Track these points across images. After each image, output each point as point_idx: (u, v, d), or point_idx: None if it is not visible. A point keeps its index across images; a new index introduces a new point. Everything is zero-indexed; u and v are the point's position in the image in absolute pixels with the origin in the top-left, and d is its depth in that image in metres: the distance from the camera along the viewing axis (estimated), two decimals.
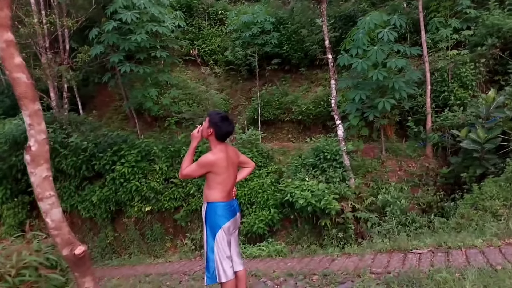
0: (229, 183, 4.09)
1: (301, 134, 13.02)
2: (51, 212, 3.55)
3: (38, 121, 3.58)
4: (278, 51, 14.09)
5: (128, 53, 11.06)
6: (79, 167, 10.65)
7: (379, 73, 8.69)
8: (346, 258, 6.68)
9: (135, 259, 9.77)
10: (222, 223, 4.00)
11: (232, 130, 4.17)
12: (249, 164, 4.51)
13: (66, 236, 3.61)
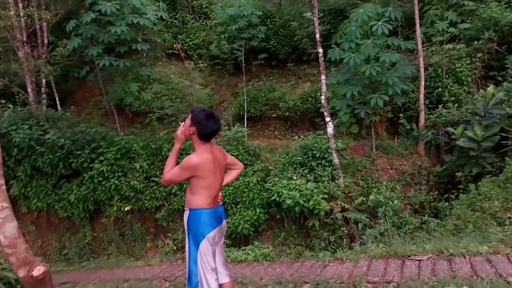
0: (215, 188, 3.58)
1: (288, 131, 12.34)
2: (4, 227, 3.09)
3: None
4: (265, 45, 13.37)
5: (107, 46, 10.25)
6: (56, 165, 9.95)
7: (372, 68, 8.04)
8: (339, 264, 6.14)
9: (113, 261, 9.09)
10: (207, 232, 3.50)
11: (218, 129, 3.58)
12: (237, 166, 3.98)
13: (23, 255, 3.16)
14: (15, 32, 10.87)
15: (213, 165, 3.50)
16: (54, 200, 10.20)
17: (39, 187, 10.33)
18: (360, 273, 5.52)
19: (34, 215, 10.88)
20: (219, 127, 3.63)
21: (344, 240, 7.93)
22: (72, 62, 11.60)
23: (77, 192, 9.88)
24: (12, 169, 10.46)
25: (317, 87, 11.88)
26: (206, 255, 3.50)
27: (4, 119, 10.37)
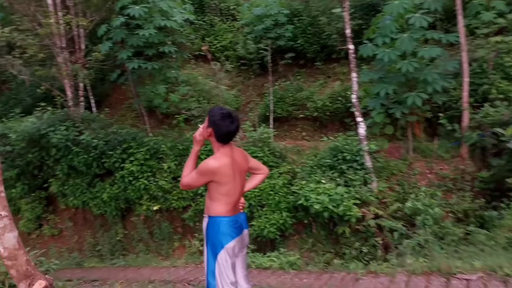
0: (235, 194, 2.90)
1: (316, 132, 10.68)
2: (3, 237, 2.58)
3: None
4: (293, 44, 11.71)
5: (137, 50, 9.25)
6: (90, 165, 9.12)
7: (409, 64, 6.37)
8: (373, 278, 4.97)
9: (142, 259, 8.25)
10: (226, 242, 2.84)
11: (234, 130, 2.85)
12: (262, 170, 3.22)
13: (24, 268, 2.63)
14: (55, 38, 10.08)
15: (233, 170, 2.85)
16: (88, 198, 9.38)
17: (75, 185, 9.50)
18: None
19: (72, 212, 10.06)
20: (237, 128, 2.87)
21: (379, 251, 6.30)
22: (105, 66, 10.63)
23: (110, 190, 9.05)
24: (51, 168, 9.67)
25: (347, 85, 10.19)
26: (225, 267, 2.85)
27: (43, 121, 9.60)
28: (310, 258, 7.02)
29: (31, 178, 10.06)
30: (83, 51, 10.61)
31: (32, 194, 10.11)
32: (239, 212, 3.00)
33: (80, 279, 7.31)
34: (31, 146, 9.49)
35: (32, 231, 10.13)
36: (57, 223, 10.14)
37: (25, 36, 9.82)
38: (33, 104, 11.32)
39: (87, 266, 8.60)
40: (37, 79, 10.66)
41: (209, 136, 2.89)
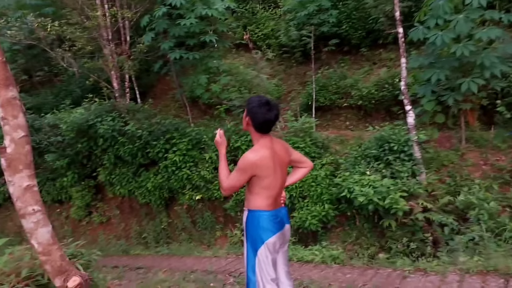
0: (276, 188, 2.77)
1: (361, 121, 10.28)
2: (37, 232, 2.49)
3: (13, 113, 2.42)
4: (337, 30, 11.31)
5: (178, 40, 9.33)
6: (135, 154, 9.36)
7: (464, 47, 5.89)
8: (422, 277, 4.73)
9: (185, 248, 8.42)
10: (266, 237, 2.73)
11: (273, 119, 2.70)
12: (305, 164, 3.07)
13: (58, 263, 2.55)
14: (101, 31, 10.42)
15: (273, 163, 2.72)
16: (134, 187, 9.66)
17: (121, 174, 9.82)
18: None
19: (119, 200, 10.45)
20: (275, 117, 2.72)
21: (428, 247, 6.00)
22: (149, 58, 10.84)
23: (154, 180, 9.24)
24: (99, 157, 10.08)
25: (394, 72, 9.75)
26: (265, 263, 2.76)
27: (91, 112, 9.96)
28: (354, 251, 6.83)
29: (81, 167, 10.54)
30: (128, 42, 10.86)
31: (82, 182, 10.57)
32: (280, 206, 2.89)
33: (126, 266, 7.48)
34: (80, 136, 9.89)
35: (82, 218, 10.66)
36: (105, 211, 10.57)
37: (74, 29, 10.21)
38: (82, 95, 11.76)
39: (132, 254, 8.91)
40: (86, 71, 11.10)
41: (247, 125, 2.79)
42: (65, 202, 11.08)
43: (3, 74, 2.39)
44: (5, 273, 2.76)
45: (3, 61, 2.43)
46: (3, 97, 2.40)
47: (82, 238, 10.53)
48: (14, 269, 2.79)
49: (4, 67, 2.42)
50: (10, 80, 2.44)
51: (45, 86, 14.43)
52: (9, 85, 2.42)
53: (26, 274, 2.73)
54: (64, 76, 14.11)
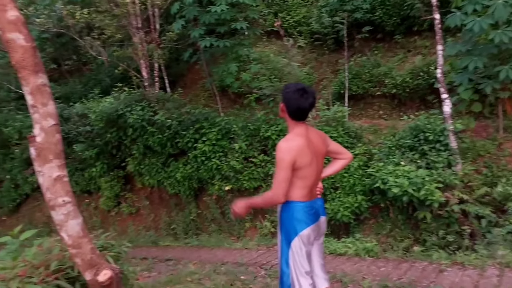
0: (312, 178, 2.80)
1: (394, 110, 10.48)
2: (67, 225, 2.47)
3: (43, 100, 2.39)
4: (370, 17, 11.47)
5: (209, 27, 9.66)
6: (165, 144, 9.78)
7: (503, 34, 6.09)
8: (459, 270, 4.88)
9: (214, 240, 8.77)
10: (300, 229, 2.77)
11: (307, 107, 2.73)
12: (344, 155, 3.12)
13: (88, 256, 2.56)
14: (131, 19, 10.78)
15: (309, 151, 2.73)
16: (163, 178, 10.10)
17: (150, 164, 10.28)
18: (489, 286, 4.36)
19: (148, 191, 10.98)
20: (310, 105, 2.75)
21: (465, 239, 6.28)
22: (179, 46, 11.27)
23: (183, 170, 9.64)
24: (128, 148, 10.60)
25: (429, 60, 9.87)
26: (299, 255, 2.79)
27: (120, 101, 10.43)
28: (387, 244, 7.06)
29: (110, 157, 11.06)
30: (157, 31, 11.19)
31: (111, 173, 11.12)
32: (315, 197, 2.93)
33: (155, 258, 7.80)
34: (109, 126, 10.34)
35: (111, 208, 11.23)
36: (135, 201, 11.10)
37: (103, 17, 10.60)
38: (111, 84, 12.32)
39: (162, 245, 9.29)
40: (115, 59, 11.54)
41: (282, 112, 2.85)
42: (94, 192, 11.66)
43: (32, 60, 2.36)
44: (34, 265, 2.73)
45: (33, 46, 2.39)
46: (32, 84, 2.36)
47: (111, 229, 11.03)
48: (43, 262, 2.76)
49: (33, 52, 2.38)
50: (39, 66, 2.40)
51: (73, 75, 15.16)
52: (39, 72, 2.39)
53: (56, 267, 2.71)
54: (93, 65, 14.73)
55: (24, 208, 13.62)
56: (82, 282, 2.79)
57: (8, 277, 2.61)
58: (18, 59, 2.34)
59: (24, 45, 2.34)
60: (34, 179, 12.46)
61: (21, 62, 2.35)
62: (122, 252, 3.29)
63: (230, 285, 5.29)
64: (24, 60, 2.34)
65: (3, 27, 2.31)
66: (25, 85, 2.39)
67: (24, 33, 2.35)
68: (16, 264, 2.79)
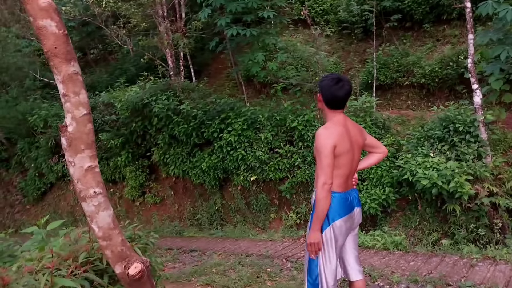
0: (349, 167, 2.86)
1: (423, 100, 10.58)
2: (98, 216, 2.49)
3: (75, 89, 2.35)
4: (399, 5, 11.55)
5: (235, 16, 9.79)
6: (190, 134, 10.01)
7: None
8: (491, 265, 4.95)
9: (239, 231, 9.00)
10: (333, 219, 2.85)
11: (343, 95, 2.84)
12: (380, 149, 3.21)
13: (118, 248, 2.56)
14: (156, 7, 11.07)
15: (347, 140, 2.83)
16: (188, 167, 10.36)
17: (176, 154, 10.56)
18: None
19: (172, 181, 11.28)
20: (346, 94, 2.86)
21: (497, 233, 6.42)
22: (204, 35, 11.49)
23: (208, 160, 9.85)
24: (153, 137, 10.93)
25: (459, 49, 9.96)
26: (327, 245, 2.88)
27: (146, 90, 10.70)
28: (415, 237, 7.20)
29: (135, 147, 11.39)
30: (183, 19, 11.44)
31: (136, 162, 11.42)
32: (351, 188, 3.00)
33: (180, 249, 7.96)
34: (134, 116, 10.66)
35: (136, 198, 11.56)
36: (159, 191, 11.40)
37: (129, 6, 10.87)
38: (136, 74, 12.60)
39: (186, 235, 9.49)
40: (141, 49, 11.84)
41: (320, 102, 2.96)
42: (119, 182, 12.05)
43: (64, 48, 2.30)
44: (62, 257, 2.71)
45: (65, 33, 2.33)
46: (64, 72, 2.31)
47: (135, 218, 11.38)
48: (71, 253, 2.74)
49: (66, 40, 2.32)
50: (71, 55, 2.34)
51: (99, 64, 15.59)
52: (71, 60, 2.33)
53: (84, 259, 2.69)
54: (118, 54, 15.11)
55: (49, 197, 14.03)
56: (110, 275, 2.79)
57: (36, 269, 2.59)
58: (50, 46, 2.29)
59: (56, 33, 2.28)
60: (59, 168, 12.92)
61: (53, 50, 2.29)
62: (150, 243, 3.30)
63: (256, 277, 5.41)
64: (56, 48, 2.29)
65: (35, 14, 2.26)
66: (56, 73, 2.34)
67: (56, 20, 2.30)
68: (43, 255, 2.77)
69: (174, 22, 11.32)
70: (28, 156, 14.02)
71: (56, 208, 13.69)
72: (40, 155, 13.46)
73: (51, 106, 13.49)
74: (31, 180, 14.05)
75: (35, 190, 13.97)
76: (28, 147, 13.95)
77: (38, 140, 13.48)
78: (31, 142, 13.86)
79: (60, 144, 2.52)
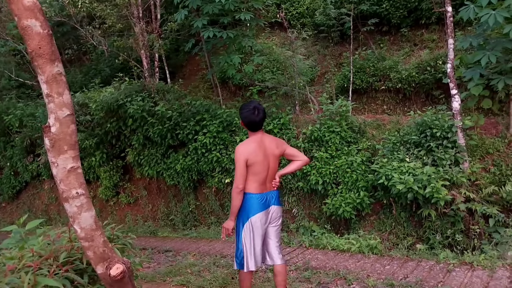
0: (264, 174, 3.55)
1: (399, 105, 10.10)
2: (80, 217, 2.42)
3: (59, 90, 2.32)
4: (376, 9, 11.07)
5: (212, 18, 9.29)
6: (165, 136, 9.50)
7: None
8: (468, 271, 4.70)
9: (213, 232, 8.53)
10: (251, 214, 3.53)
11: (258, 121, 3.53)
12: (300, 158, 3.79)
13: (100, 249, 2.51)
14: (132, 8, 10.57)
15: (261, 152, 3.50)
16: (162, 169, 9.86)
17: (150, 155, 10.04)
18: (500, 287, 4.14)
19: (146, 181, 10.75)
20: (259, 119, 3.52)
21: (475, 239, 5.99)
22: (180, 37, 10.92)
23: (183, 162, 9.36)
24: (128, 138, 10.37)
25: (437, 54, 9.51)
26: (247, 235, 3.55)
27: (121, 91, 10.16)
28: (390, 240, 6.83)
29: (109, 147, 10.90)
30: (158, 21, 10.93)
31: (110, 162, 10.94)
32: (269, 190, 3.62)
33: (154, 249, 7.65)
34: (109, 116, 10.14)
35: (109, 198, 11.08)
36: (133, 191, 10.93)
37: (104, 7, 10.37)
38: (111, 74, 12.11)
39: (160, 235, 9.11)
40: (115, 49, 11.31)
41: (242, 125, 3.62)
42: (93, 182, 11.47)
43: (49, 48, 2.24)
44: (42, 256, 2.69)
45: (50, 33, 2.24)
46: (48, 72, 2.26)
47: (109, 218, 10.91)
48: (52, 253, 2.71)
49: (50, 40, 2.23)
50: (56, 55, 2.27)
51: (74, 64, 14.92)
52: (55, 60, 2.26)
53: (65, 259, 2.67)
54: (93, 54, 14.52)
55: (24, 195, 13.52)
56: (89, 274, 2.77)
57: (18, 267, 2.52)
58: (34, 47, 2.21)
59: (40, 33, 2.22)
60: (34, 167, 12.37)
61: (38, 50, 2.22)
62: (127, 244, 3.32)
63: (231, 279, 5.22)
64: (41, 48, 2.22)
65: (20, 14, 2.18)
66: (40, 74, 2.27)
67: (40, 20, 2.23)
68: (24, 254, 2.71)
69: (149, 23, 10.83)
70: (4, 155, 13.49)
71: (31, 207, 13.21)
72: (15, 154, 12.92)
73: (26, 106, 13.05)
74: (7, 178, 13.59)
75: (10, 188, 13.54)
76: (4, 146, 13.42)
77: (13, 139, 12.94)
78: (6, 141, 13.34)
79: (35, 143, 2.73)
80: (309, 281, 4.92)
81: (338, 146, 7.77)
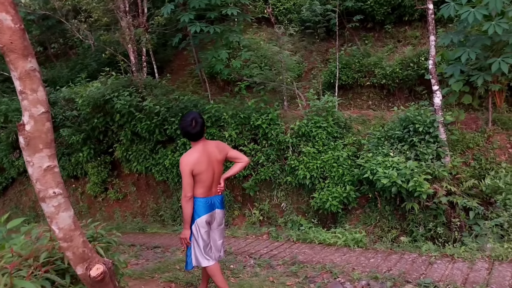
0: (210, 180, 3.77)
1: (383, 100, 10.28)
2: (58, 217, 2.33)
3: (33, 86, 2.22)
4: (361, 6, 11.19)
5: (199, 13, 9.16)
6: (153, 131, 9.44)
7: (497, 25, 5.88)
8: (449, 263, 4.84)
9: None
10: (197, 217, 3.78)
11: (196, 133, 3.66)
12: (241, 159, 4.02)
13: (80, 250, 2.43)
14: (118, 2, 10.36)
15: (203, 160, 3.66)
16: (151, 164, 9.80)
17: (138, 151, 9.98)
18: (479, 279, 4.27)
19: (135, 177, 10.69)
20: (199, 131, 3.65)
21: (455, 231, 6.19)
22: (167, 31, 10.82)
23: (171, 157, 9.32)
24: (115, 134, 10.30)
25: (420, 51, 9.69)
26: (197, 236, 3.79)
27: (108, 86, 10.00)
28: (375, 234, 6.99)
29: (97, 143, 10.78)
30: (145, 15, 10.74)
31: (98, 158, 10.82)
32: (214, 194, 3.85)
33: (143, 245, 7.63)
34: (96, 111, 10.00)
35: (98, 194, 10.98)
36: (122, 187, 10.86)
37: (90, 0, 10.26)
38: (98, 69, 11.90)
39: (149, 232, 9.09)
40: (102, 44, 11.13)
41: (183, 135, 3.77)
42: (81, 177, 11.37)
43: (21, 43, 2.16)
44: (23, 257, 2.60)
45: (22, 28, 2.18)
46: (21, 68, 2.18)
47: (98, 214, 10.86)
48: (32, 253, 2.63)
49: (22, 34, 2.18)
50: (29, 50, 2.21)
51: (60, 58, 14.64)
52: (28, 56, 2.19)
53: (45, 259, 2.59)
54: (79, 49, 14.25)
55: (10, 192, 13.30)
56: (72, 274, 2.69)
57: None
58: (5, 41, 2.12)
59: (12, 27, 2.12)
60: (20, 163, 12.18)
61: (9, 45, 2.13)
62: (112, 242, 3.23)
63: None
64: (12, 43, 2.13)
65: None
66: (13, 69, 2.17)
67: (11, 14, 2.13)
68: (3, 255, 2.62)
69: (136, 17, 10.63)
70: None
71: (18, 203, 13.02)
72: (0, 150, 12.70)
73: (11, 101, 12.71)
74: None
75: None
76: None
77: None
78: None
79: None
80: (296, 275, 5.01)
81: (325, 141, 7.91)
